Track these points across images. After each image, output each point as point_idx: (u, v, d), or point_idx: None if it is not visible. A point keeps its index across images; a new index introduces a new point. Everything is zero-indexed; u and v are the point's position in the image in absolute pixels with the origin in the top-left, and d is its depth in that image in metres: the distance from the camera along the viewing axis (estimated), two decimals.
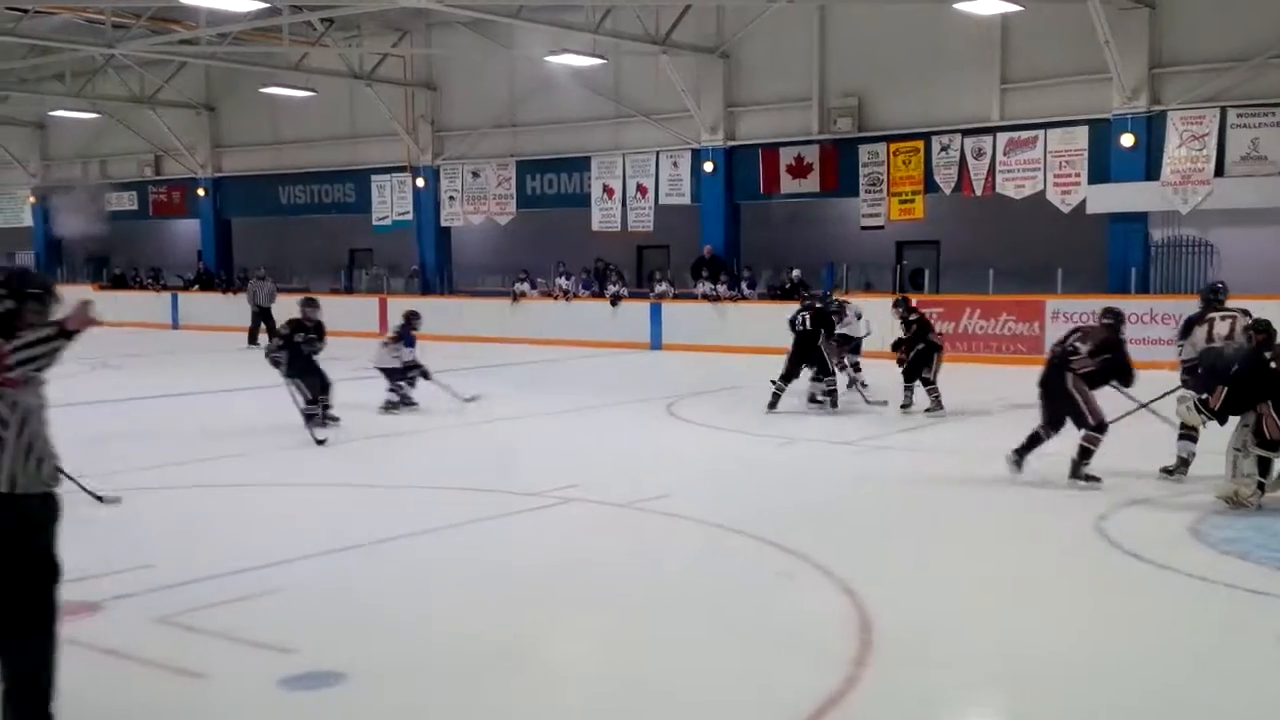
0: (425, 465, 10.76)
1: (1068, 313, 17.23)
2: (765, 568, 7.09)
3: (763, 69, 22.98)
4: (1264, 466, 8.25)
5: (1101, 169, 19.41)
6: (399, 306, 26.88)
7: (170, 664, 5.37)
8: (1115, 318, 9.56)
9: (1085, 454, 9.11)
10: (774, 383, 13.36)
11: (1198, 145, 18.46)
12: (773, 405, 13.26)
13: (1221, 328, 9.58)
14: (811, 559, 7.05)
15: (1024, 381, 14.87)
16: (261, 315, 24.38)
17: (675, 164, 24.31)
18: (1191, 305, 10.64)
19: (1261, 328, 8.55)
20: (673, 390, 15.54)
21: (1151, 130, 18.88)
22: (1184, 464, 9.32)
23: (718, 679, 5.30)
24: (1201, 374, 9.23)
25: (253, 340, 24.44)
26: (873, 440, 11.77)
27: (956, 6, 17.73)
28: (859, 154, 21.87)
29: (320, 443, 11.38)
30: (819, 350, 13.34)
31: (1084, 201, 19.53)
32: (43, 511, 4.37)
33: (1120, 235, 19.44)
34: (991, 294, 19.07)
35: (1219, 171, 18.29)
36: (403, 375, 13.78)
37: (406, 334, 13.90)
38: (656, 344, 22.64)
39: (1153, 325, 17.47)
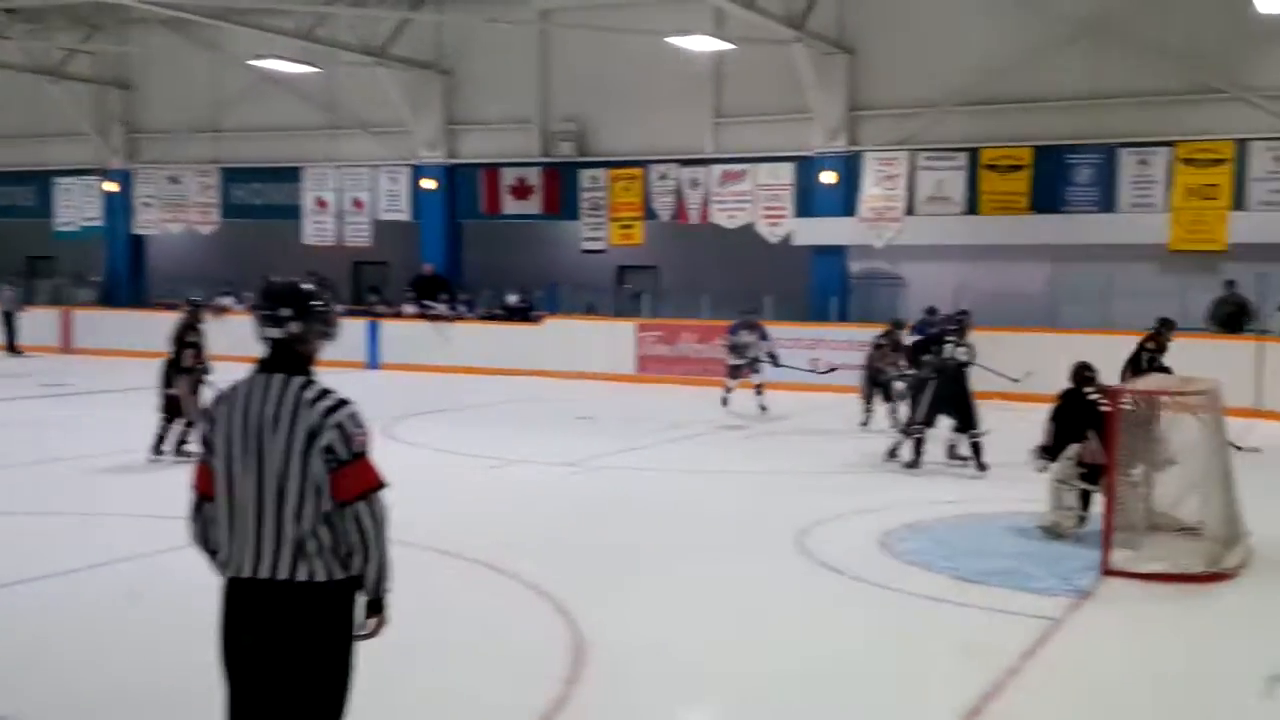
0: (98, 491, 10.05)
1: (776, 339, 17.95)
2: (481, 589, 7.06)
3: (485, 88, 22.96)
4: (1084, 500, 8.59)
5: (806, 203, 20.51)
6: (83, 319, 25.35)
7: None
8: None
9: None
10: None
11: (891, 185, 19.80)
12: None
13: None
14: (528, 580, 7.07)
15: (735, 405, 15.70)
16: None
17: (394, 179, 23.91)
18: None
19: (1081, 368, 9.01)
20: (390, 411, 15.20)
21: (850, 169, 20.11)
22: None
23: (430, 695, 5.25)
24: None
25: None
26: (596, 460, 11.92)
27: (671, 41, 18.33)
28: (580, 178, 22.21)
29: None
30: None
31: (790, 233, 20.58)
32: None
33: (822, 266, 20.59)
34: (707, 319, 19.72)
35: (909, 210, 19.68)
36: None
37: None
38: (374, 363, 22.12)
39: (850, 352, 18.58)
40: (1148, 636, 6.50)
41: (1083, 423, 8.50)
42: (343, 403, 3.48)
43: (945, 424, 11.51)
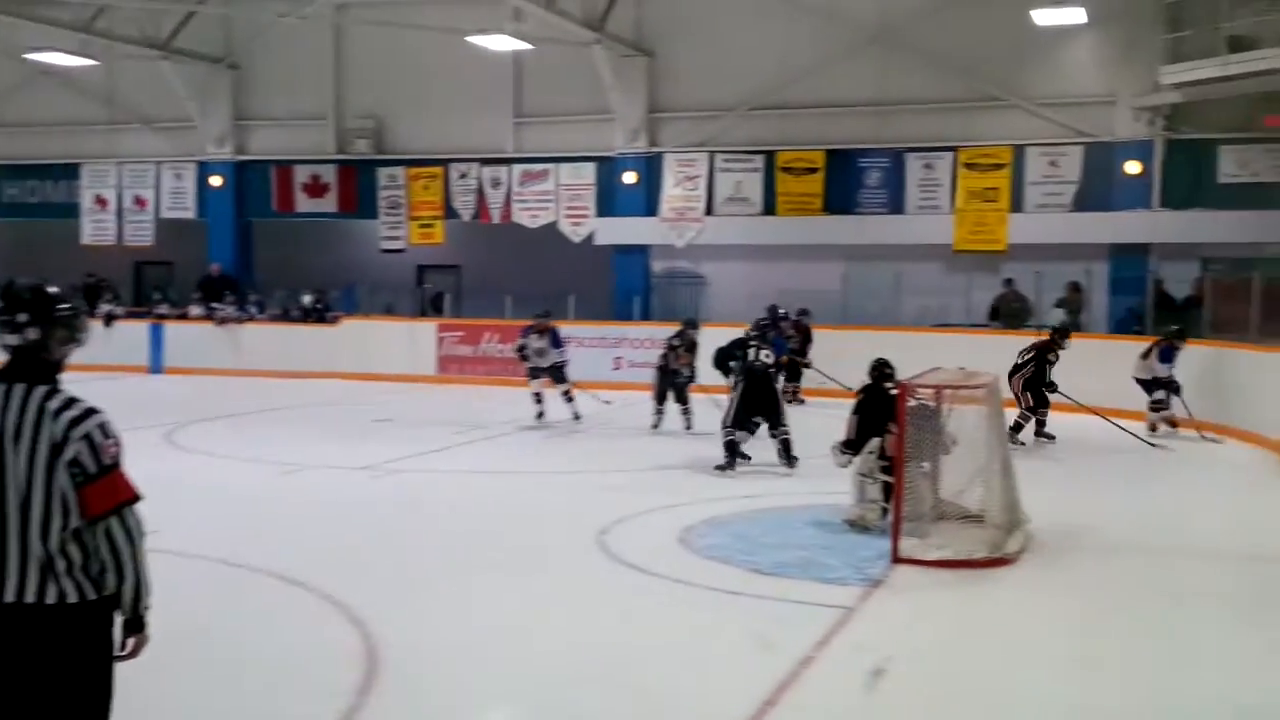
0: None
1: (579, 337, 17.96)
2: (270, 601, 6.75)
3: (276, 83, 22.23)
4: (887, 492, 8.50)
5: (608, 203, 20.60)
6: None
7: None
8: None
9: None
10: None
11: (691, 185, 20.08)
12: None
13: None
14: (320, 589, 6.79)
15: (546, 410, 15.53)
16: None
17: (179, 176, 22.89)
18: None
19: (881, 364, 9.20)
20: (174, 417, 14.50)
21: (651, 169, 20.30)
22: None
23: (214, 713, 5.01)
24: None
25: None
26: (394, 464, 11.59)
27: (471, 40, 18.10)
28: (378, 176, 21.73)
29: None
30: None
31: (593, 233, 20.61)
32: None
33: (625, 266, 20.70)
34: (509, 318, 19.52)
35: (709, 210, 19.99)
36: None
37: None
38: (157, 367, 21.09)
39: (653, 350, 18.70)
40: (933, 622, 6.69)
41: (884, 417, 8.64)
42: (90, 412, 3.27)
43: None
